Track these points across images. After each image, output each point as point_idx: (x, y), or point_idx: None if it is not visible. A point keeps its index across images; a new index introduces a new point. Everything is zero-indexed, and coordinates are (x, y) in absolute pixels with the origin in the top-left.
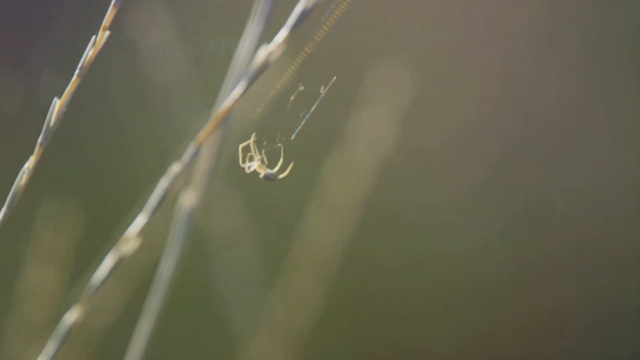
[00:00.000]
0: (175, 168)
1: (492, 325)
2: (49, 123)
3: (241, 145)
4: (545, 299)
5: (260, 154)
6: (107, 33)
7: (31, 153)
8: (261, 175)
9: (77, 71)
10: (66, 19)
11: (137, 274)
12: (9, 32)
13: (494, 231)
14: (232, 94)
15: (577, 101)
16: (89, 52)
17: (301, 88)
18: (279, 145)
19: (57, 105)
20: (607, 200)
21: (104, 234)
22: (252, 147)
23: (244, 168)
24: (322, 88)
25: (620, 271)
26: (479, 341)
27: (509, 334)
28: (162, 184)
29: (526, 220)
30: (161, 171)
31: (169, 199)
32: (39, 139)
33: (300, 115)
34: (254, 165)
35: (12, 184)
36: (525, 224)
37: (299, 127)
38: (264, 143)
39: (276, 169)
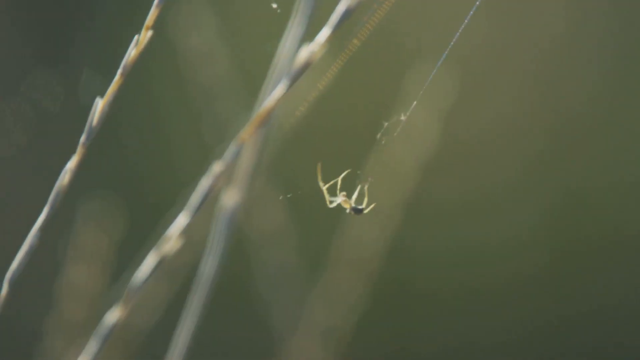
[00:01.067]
0: (216, 167)
1: (536, 319)
2: (91, 123)
3: (322, 182)
4: (588, 291)
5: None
6: (150, 33)
7: (73, 153)
8: (347, 210)
9: (119, 71)
10: (108, 19)
11: (178, 274)
12: (51, 31)
13: (534, 225)
14: (273, 94)
15: (612, 96)
16: (132, 52)
17: None
18: (363, 183)
19: (100, 105)
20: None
21: (145, 233)
22: (338, 182)
23: (329, 203)
24: (402, 115)
25: None
26: (522, 335)
27: (555, 327)
28: (204, 183)
29: (565, 212)
30: (203, 170)
31: (210, 199)
32: (81, 139)
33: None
34: (339, 200)
35: (54, 183)
36: (564, 216)
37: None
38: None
39: (362, 205)
